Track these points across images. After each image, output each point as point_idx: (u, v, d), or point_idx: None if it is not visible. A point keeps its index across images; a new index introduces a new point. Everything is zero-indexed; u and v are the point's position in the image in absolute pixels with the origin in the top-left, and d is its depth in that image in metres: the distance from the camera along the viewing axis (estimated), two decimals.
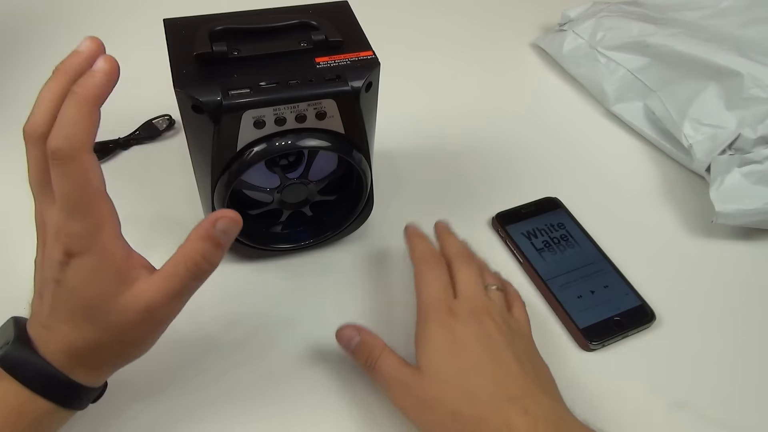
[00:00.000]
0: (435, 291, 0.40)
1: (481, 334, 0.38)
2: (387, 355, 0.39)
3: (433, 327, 0.38)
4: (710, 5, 0.69)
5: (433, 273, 0.41)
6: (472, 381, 0.36)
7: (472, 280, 0.41)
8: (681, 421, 0.42)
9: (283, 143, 0.40)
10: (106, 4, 0.76)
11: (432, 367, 0.37)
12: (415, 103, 0.65)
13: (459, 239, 0.46)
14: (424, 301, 0.40)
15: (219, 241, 0.31)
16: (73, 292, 0.31)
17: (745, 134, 0.54)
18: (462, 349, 0.37)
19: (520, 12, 0.80)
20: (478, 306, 0.39)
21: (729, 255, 0.53)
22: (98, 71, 0.29)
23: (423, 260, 0.43)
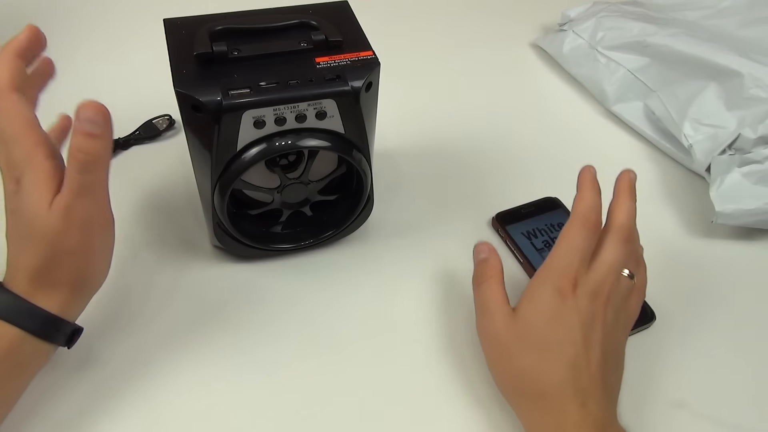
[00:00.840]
0: (571, 255, 0.39)
1: (587, 319, 0.38)
2: (495, 282, 0.40)
3: (550, 289, 0.38)
4: (710, 5, 0.69)
5: (581, 236, 0.39)
6: (554, 357, 0.37)
7: (614, 263, 0.40)
8: (681, 421, 0.42)
9: (283, 143, 0.40)
10: (106, 4, 0.76)
11: (526, 323, 0.38)
12: (415, 103, 0.65)
13: (634, 207, 0.42)
14: (557, 260, 0.39)
15: (89, 131, 0.33)
16: (19, 215, 0.34)
17: (745, 134, 0.54)
18: (562, 325, 0.37)
19: (520, 12, 0.80)
20: (602, 290, 0.39)
21: (729, 255, 0.53)
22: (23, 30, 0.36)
23: (581, 218, 0.40)
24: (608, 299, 0.39)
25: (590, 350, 0.37)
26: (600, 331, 0.38)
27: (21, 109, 0.33)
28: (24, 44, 0.35)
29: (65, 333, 0.37)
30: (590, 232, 0.39)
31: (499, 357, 0.39)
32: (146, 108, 0.60)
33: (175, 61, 0.39)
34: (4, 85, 0.33)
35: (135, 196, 0.54)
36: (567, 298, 0.38)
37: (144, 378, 0.42)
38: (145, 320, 0.45)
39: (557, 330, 0.37)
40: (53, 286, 0.36)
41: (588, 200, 0.41)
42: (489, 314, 0.40)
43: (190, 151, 0.42)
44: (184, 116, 0.39)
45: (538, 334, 0.38)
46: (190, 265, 0.49)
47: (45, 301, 0.35)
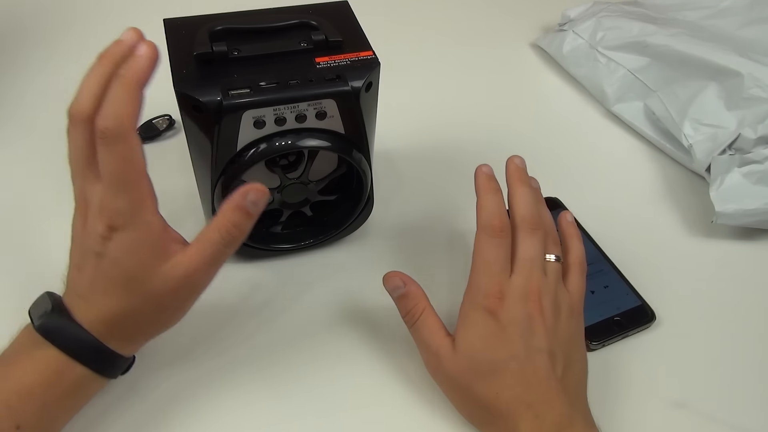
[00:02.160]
0: (488, 270, 0.38)
1: (524, 326, 0.37)
2: (427, 317, 0.39)
3: (479, 312, 0.37)
4: (710, 5, 0.69)
5: (491, 247, 0.38)
6: (501, 378, 0.36)
7: (533, 255, 0.39)
8: (681, 421, 0.42)
9: (283, 143, 0.40)
10: (106, 4, 0.76)
11: (467, 353, 0.37)
12: (416, 103, 0.65)
13: (529, 192, 0.41)
14: (477, 279, 0.38)
15: (248, 211, 0.33)
16: (114, 264, 0.33)
17: (745, 134, 0.54)
18: (501, 343, 0.37)
19: (520, 12, 0.80)
20: (530, 289, 0.38)
21: (729, 255, 0.53)
22: (142, 56, 0.31)
23: (485, 229, 0.39)
24: (540, 296, 0.38)
25: (535, 357, 0.36)
26: (542, 333, 0.37)
27: (138, 156, 0.31)
28: (149, 73, 0.31)
29: (122, 367, 0.37)
30: (499, 239, 0.38)
31: (454, 392, 0.39)
32: (146, 108, 0.59)
33: (175, 61, 0.39)
34: (127, 126, 0.30)
35: None
36: (498, 314, 0.37)
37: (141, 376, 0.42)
38: None
39: (498, 350, 0.37)
40: (130, 336, 0.36)
41: (487, 206, 0.39)
42: (433, 354, 0.39)
43: (190, 151, 0.42)
44: (184, 116, 0.39)
45: (481, 360, 0.37)
46: None
47: (117, 345, 0.35)
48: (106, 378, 0.36)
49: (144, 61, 0.31)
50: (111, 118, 0.30)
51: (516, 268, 0.38)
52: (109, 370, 0.36)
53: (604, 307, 0.47)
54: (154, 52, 0.31)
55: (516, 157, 0.43)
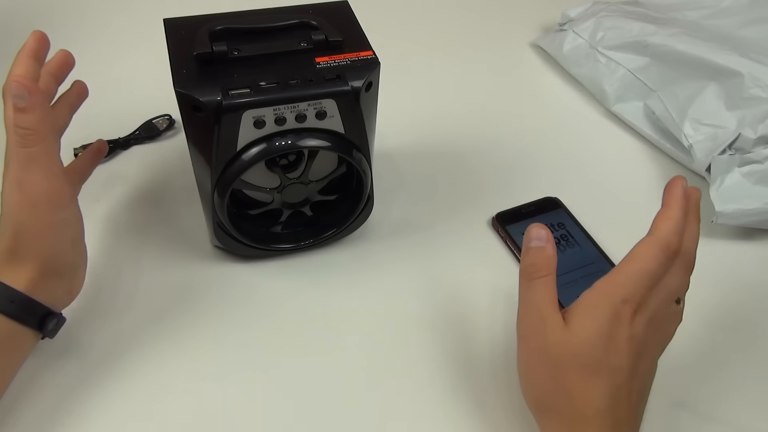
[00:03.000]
0: (642, 281, 0.35)
1: (638, 348, 0.35)
2: (549, 282, 0.37)
3: (609, 310, 0.35)
4: (710, 5, 0.69)
5: (657, 262, 0.36)
6: (601, 382, 0.35)
7: (675, 291, 0.37)
8: (681, 421, 0.42)
9: (283, 143, 0.40)
10: (106, 4, 0.76)
11: (580, 340, 0.35)
12: (416, 102, 0.65)
13: (698, 231, 0.39)
14: (625, 281, 0.36)
15: (18, 106, 0.35)
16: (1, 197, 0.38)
17: (745, 134, 0.54)
18: (614, 349, 0.35)
19: (520, 12, 0.80)
20: (656, 317, 0.36)
21: (729, 255, 0.53)
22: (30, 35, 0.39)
23: (662, 242, 0.36)
24: (659, 327, 0.37)
25: (634, 380, 0.35)
26: (647, 361, 0.36)
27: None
28: (34, 47, 0.38)
29: (36, 314, 0.38)
30: (668, 260, 0.36)
31: (541, 370, 0.36)
32: (146, 108, 0.60)
33: (175, 61, 0.39)
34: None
35: (135, 196, 0.54)
36: (623, 324, 0.35)
37: (141, 377, 0.42)
38: (145, 320, 0.45)
39: (609, 354, 0.35)
40: (18, 263, 0.37)
41: (674, 222, 0.36)
42: (541, 321, 0.36)
43: (190, 151, 0.42)
44: (184, 116, 0.39)
45: (589, 354, 0.35)
46: (190, 265, 0.49)
47: (11, 277, 0.37)
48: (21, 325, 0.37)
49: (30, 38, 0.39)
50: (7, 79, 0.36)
51: (657, 292, 0.36)
52: (19, 313, 0.37)
53: None
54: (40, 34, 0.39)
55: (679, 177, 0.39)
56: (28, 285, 0.37)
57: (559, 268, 0.49)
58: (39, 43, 0.38)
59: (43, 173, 0.36)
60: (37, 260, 0.38)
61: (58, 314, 0.40)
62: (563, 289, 0.48)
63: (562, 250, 0.51)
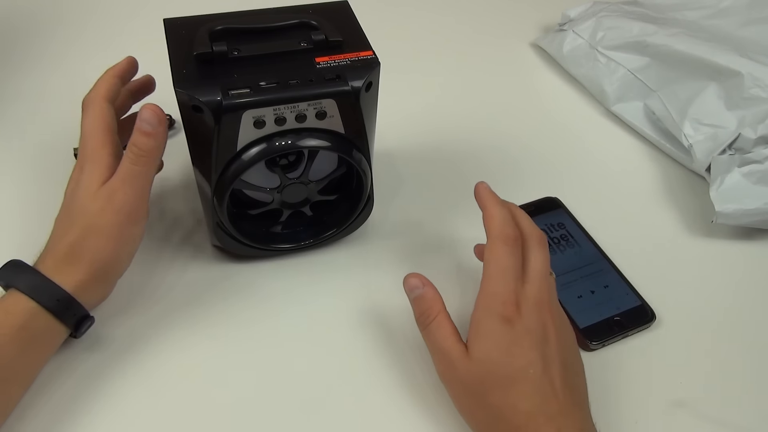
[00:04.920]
0: (505, 277, 0.38)
1: (539, 335, 0.37)
2: (441, 322, 0.39)
3: (496, 319, 0.37)
4: (710, 5, 0.69)
5: (506, 255, 0.38)
6: (519, 388, 0.36)
7: (543, 267, 0.39)
8: (681, 421, 0.42)
9: (283, 143, 0.40)
10: (106, 4, 0.76)
11: (483, 360, 0.36)
12: (416, 103, 0.65)
13: (520, 211, 0.42)
14: (494, 287, 0.38)
15: (144, 130, 0.39)
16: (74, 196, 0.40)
17: (745, 134, 0.54)
18: (518, 351, 0.36)
19: (520, 12, 0.80)
20: (542, 299, 0.38)
21: (729, 255, 0.53)
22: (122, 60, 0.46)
23: (499, 236, 0.39)
24: (550, 306, 0.38)
25: (551, 367, 0.36)
26: (554, 341, 0.37)
27: (105, 115, 0.41)
28: (122, 68, 0.45)
29: (75, 315, 0.39)
30: (513, 248, 0.39)
31: (465, 400, 0.38)
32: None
33: (175, 61, 0.39)
34: (98, 95, 0.41)
35: None
36: (515, 322, 0.36)
37: (142, 377, 0.42)
38: (145, 320, 0.45)
39: (515, 359, 0.36)
40: (75, 264, 0.39)
41: (498, 216, 0.40)
42: (446, 359, 0.38)
43: (190, 151, 0.42)
44: (184, 116, 0.39)
45: (498, 369, 0.36)
46: (190, 265, 0.49)
47: (63, 278, 0.38)
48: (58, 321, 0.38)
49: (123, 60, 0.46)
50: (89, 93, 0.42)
51: (529, 277, 0.38)
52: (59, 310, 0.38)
53: (604, 307, 0.47)
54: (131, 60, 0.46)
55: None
56: (76, 287, 0.39)
57: (559, 268, 0.49)
58: (128, 66, 0.45)
59: (137, 190, 0.40)
60: (93, 265, 0.39)
61: (92, 318, 0.41)
62: (563, 289, 0.48)
63: (562, 251, 0.51)
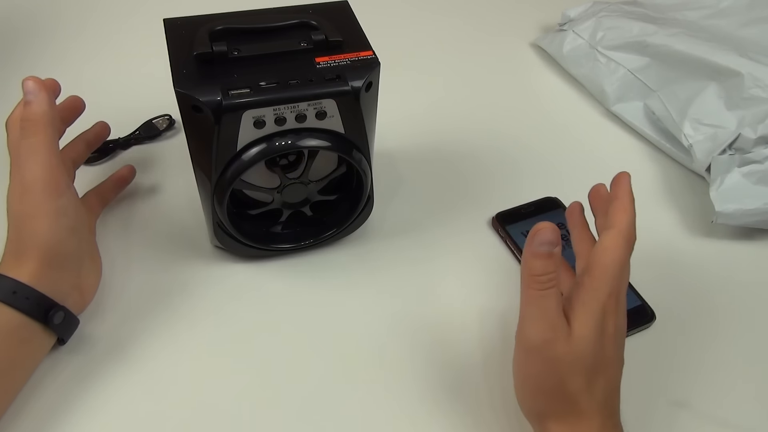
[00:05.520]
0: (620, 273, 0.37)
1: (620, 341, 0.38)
2: (557, 292, 0.36)
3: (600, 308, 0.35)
4: (710, 5, 0.69)
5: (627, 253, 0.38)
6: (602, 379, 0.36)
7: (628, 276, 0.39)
8: (681, 421, 0.42)
9: (283, 143, 0.40)
10: (106, 4, 0.76)
11: (584, 341, 0.35)
12: (416, 103, 0.65)
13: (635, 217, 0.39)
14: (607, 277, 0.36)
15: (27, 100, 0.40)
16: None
17: (745, 134, 0.54)
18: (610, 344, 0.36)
19: (520, 12, 0.80)
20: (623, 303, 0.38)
21: (729, 255, 0.53)
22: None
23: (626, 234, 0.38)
24: (625, 311, 0.38)
25: (620, 368, 0.38)
26: (622, 347, 0.38)
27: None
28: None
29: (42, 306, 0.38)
30: (631, 249, 0.38)
31: (549, 379, 0.36)
32: (146, 108, 0.60)
33: (175, 61, 0.39)
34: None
35: (135, 195, 0.54)
36: (611, 316, 0.36)
37: (140, 377, 0.42)
38: (145, 320, 0.45)
39: (604, 348, 0.36)
40: (21, 257, 0.39)
41: (630, 213, 0.39)
42: (553, 333, 0.35)
43: (190, 151, 0.42)
44: (184, 116, 0.39)
45: (591, 354, 0.35)
46: (190, 265, 0.49)
47: (15, 271, 0.38)
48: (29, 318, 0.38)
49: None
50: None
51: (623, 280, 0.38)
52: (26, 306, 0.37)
53: None
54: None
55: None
56: (31, 277, 0.38)
57: None
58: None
59: (39, 162, 0.39)
60: (37, 250, 0.39)
61: (63, 307, 0.40)
62: None
63: (562, 250, 0.51)
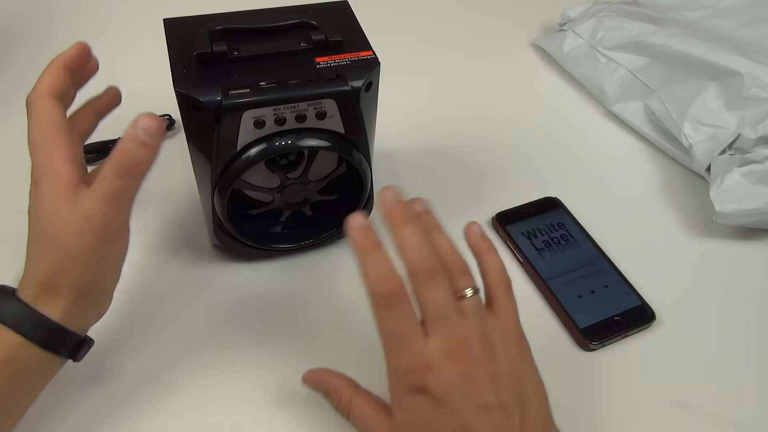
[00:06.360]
0: (401, 344, 0.32)
1: (462, 391, 0.32)
2: (357, 402, 0.36)
3: (409, 396, 0.32)
4: (710, 5, 0.69)
5: (393, 320, 0.32)
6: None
7: (440, 306, 0.33)
8: (681, 420, 0.42)
9: (283, 143, 0.40)
10: (106, 3, 0.76)
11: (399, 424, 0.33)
12: (416, 103, 0.65)
13: (412, 231, 0.34)
14: (393, 358, 0.33)
15: (141, 139, 0.33)
16: (36, 217, 0.34)
17: (745, 134, 0.54)
18: (445, 420, 0.32)
19: (520, 12, 0.80)
20: (452, 343, 0.32)
21: (729, 255, 0.53)
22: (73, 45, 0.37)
23: (378, 299, 0.33)
24: (466, 348, 0.32)
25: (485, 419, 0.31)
26: (485, 387, 0.32)
27: (52, 115, 0.34)
28: (71, 57, 0.37)
29: (69, 344, 0.35)
30: (396, 307, 0.32)
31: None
32: (146, 108, 0.60)
33: (175, 61, 0.39)
34: (41, 91, 0.34)
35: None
36: (429, 389, 0.31)
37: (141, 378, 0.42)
38: (144, 319, 0.45)
39: (444, 429, 0.32)
40: (56, 292, 0.34)
41: (370, 271, 0.32)
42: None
43: (190, 151, 0.42)
44: (184, 116, 0.39)
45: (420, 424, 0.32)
46: (190, 265, 0.49)
47: (48, 307, 0.34)
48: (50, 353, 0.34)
49: (69, 49, 0.37)
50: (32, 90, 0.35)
51: (429, 329, 0.32)
52: (50, 342, 0.34)
53: (604, 306, 0.47)
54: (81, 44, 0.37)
55: (386, 191, 0.34)
56: (64, 314, 0.34)
57: (559, 268, 0.49)
58: (78, 54, 0.37)
59: (119, 208, 0.34)
60: (77, 291, 0.34)
61: (90, 341, 0.38)
62: (563, 290, 0.48)
63: (562, 251, 0.51)
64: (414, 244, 0.33)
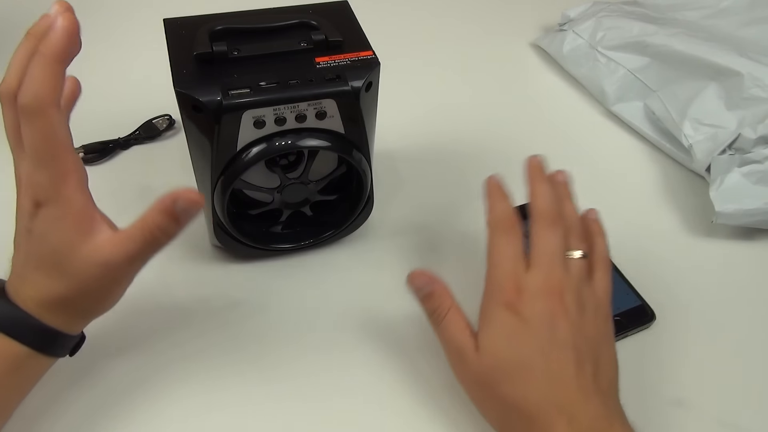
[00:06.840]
0: (503, 264, 0.37)
1: (546, 322, 0.35)
2: (453, 316, 0.38)
3: (498, 308, 0.36)
4: (710, 5, 0.69)
5: (503, 242, 0.38)
6: (527, 377, 0.35)
7: (550, 249, 0.37)
8: (681, 420, 0.42)
9: (283, 143, 0.40)
10: (106, 3, 0.76)
11: (490, 350, 0.36)
12: (416, 103, 0.65)
13: (548, 188, 0.41)
14: (492, 275, 0.37)
15: (177, 217, 0.32)
16: (41, 240, 0.32)
17: (745, 134, 0.54)
18: (523, 340, 0.35)
19: (520, 12, 0.80)
20: (551, 283, 0.36)
21: (729, 255, 0.53)
22: (57, 29, 0.29)
23: (496, 226, 0.39)
24: (561, 289, 0.36)
25: (560, 357, 0.35)
26: (566, 328, 0.35)
27: (58, 131, 0.31)
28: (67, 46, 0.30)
29: (65, 347, 0.36)
30: (510, 235, 0.38)
31: (479, 394, 0.37)
32: (146, 108, 0.60)
33: (175, 61, 0.39)
34: (45, 101, 0.29)
35: (135, 196, 0.54)
36: (518, 307, 0.35)
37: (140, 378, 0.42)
38: (144, 319, 0.45)
39: (522, 346, 0.35)
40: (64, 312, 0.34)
41: (496, 206, 0.40)
42: (459, 355, 0.37)
43: (190, 151, 0.42)
44: (184, 116, 0.39)
45: (505, 359, 0.35)
46: (190, 265, 0.49)
47: (50, 319, 0.34)
48: (48, 356, 0.35)
49: (59, 34, 0.29)
50: (29, 95, 0.29)
51: (533, 261, 0.37)
52: (50, 348, 0.35)
53: None
54: (71, 25, 0.29)
55: (534, 156, 0.43)
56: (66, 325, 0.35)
57: None
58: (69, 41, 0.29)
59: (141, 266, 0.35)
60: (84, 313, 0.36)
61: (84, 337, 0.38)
62: None
63: None
64: (545, 196, 0.40)
